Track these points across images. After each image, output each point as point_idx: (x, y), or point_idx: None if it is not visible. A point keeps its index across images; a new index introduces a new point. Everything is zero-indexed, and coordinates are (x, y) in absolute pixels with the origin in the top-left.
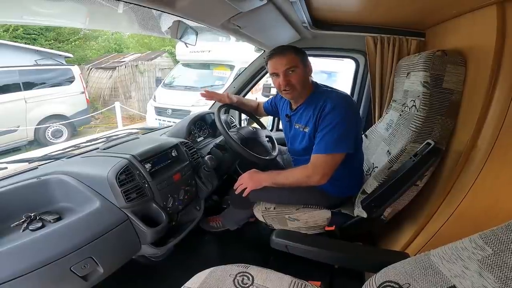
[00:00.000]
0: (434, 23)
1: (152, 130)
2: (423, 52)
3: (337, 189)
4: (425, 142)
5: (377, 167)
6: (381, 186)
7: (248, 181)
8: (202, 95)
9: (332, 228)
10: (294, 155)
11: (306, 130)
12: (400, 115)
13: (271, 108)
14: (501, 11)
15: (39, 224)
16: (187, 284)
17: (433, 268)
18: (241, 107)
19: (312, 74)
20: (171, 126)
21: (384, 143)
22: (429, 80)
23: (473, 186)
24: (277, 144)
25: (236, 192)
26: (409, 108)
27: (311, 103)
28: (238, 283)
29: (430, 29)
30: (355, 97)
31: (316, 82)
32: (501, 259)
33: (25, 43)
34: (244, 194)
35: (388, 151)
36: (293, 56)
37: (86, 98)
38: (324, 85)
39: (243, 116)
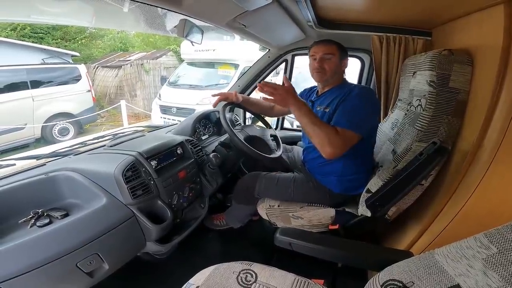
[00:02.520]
0: (441, 22)
1: (157, 128)
2: (429, 51)
3: (342, 186)
4: (431, 141)
5: (382, 166)
6: (386, 185)
7: (283, 97)
8: (214, 105)
9: (336, 226)
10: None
11: (327, 110)
12: (406, 114)
13: None
14: (508, 10)
15: (47, 221)
16: (191, 281)
17: (437, 266)
18: (248, 107)
19: None
20: (176, 124)
21: (389, 142)
22: (435, 80)
23: (479, 185)
24: (282, 143)
25: (264, 89)
26: (415, 107)
27: (337, 90)
28: (242, 280)
29: (436, 28)
30: None
31: (345, 78)
32: (506, 257)
33: (33, 42)
34: (269, 101)
35: (393, 150)
36: (334, 48)
37: (92, 97)
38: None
39: (248, 114)
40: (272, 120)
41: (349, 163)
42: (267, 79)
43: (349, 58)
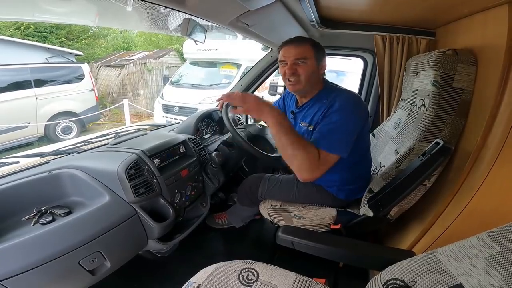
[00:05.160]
0: (445, 22)
1: (160, 126)
2: (433, 51)
3: (344, 194)
4: (434, 141)
5: (384, 166)
6: (388, 185)
7: (251, 105)
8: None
9: (338, 226)
10: None
11: (311, 128)
12: (409, 114)
13: (280, 109)
14: None
15: (50, 218)
16: (192, 279)
17: (440, 266)
18: None
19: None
20: (179, 123)
21: (392, 142)
22: (439, 79)
23: (482, 185)
24: None
25: (223, 100)
26: (418, 107)
27: (318, 101)
28: (243, 279)
29: (440, 28)
30: (362, 96)
31: (327, 79)
32: (509, 257)
33: (36, 41)
34: (232, 110)
35: (396, 150)
36: (308, 48)
37: (95, 96)
38: (334, 84)
39: None
40: None
41: (346, 175)
42: (270, 79)
43: (351, 58)
